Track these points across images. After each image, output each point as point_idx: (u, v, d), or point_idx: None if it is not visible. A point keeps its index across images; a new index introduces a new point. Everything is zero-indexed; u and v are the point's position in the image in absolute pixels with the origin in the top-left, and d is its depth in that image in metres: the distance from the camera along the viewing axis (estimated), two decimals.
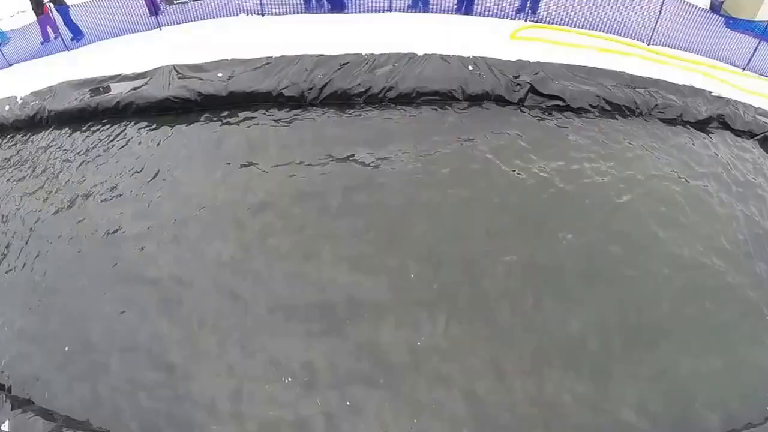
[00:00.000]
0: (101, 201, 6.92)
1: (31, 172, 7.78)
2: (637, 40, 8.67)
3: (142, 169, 7.09)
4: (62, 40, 9.68)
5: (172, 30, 9.07)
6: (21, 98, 9.01)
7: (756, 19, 9.75)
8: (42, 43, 10.00)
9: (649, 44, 8.65)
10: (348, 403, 4.97)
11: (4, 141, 8.69)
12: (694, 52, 8.77)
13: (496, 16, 8.46)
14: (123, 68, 8.41)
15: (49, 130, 8.32)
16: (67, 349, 5.80)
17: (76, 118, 8.30)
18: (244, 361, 5.31)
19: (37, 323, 6.13)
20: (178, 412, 5.20)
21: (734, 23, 9.41)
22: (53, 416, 5.81)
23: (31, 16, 10.02)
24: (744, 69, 8.82)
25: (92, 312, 5.95)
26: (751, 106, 8.15)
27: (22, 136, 8.55)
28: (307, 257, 5.82)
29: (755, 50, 8.73)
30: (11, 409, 5.81)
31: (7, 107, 9.00)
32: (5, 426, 5.65)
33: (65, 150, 7.86)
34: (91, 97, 8.50)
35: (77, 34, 9.69)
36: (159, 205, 6.62)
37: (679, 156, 7.14)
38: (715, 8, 10.08)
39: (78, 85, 8.66)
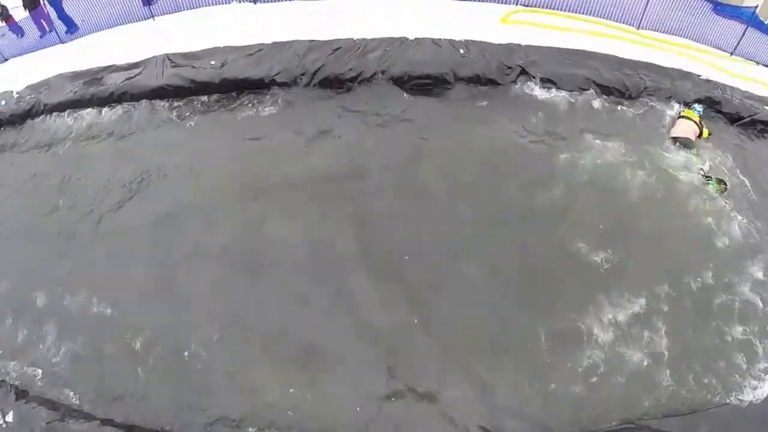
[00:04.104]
0: None
1: None
2: (627, 24, 8.73)
3: None
4: (56, 33, 9.67)
5: (165, 19, 9.09)
6: (17, 93, 9.03)
7: (743, 5, 9.82)
8: (41, 37, 10.00)
9: (638, 28, 8.72)
10: None
11: None
12: (683, 37, 8.83)
13: (487, 0, 8.49)
14: (117, 59, 8.43)
15: None
16: None
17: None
18: None
19: None
20: None
21: (722, 9, 9.46)
22: (56, 406, 5.81)
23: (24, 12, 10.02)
24: (732, 53, 8.89)
25: None
26: (738, 89, 8.23)
27: None
28: None
29: (743, 35, 8.80)
30: (15, 400, 5.82)
31: (3, 102, 9.02)
32: (9, 416, 5.65)
33: None
34: (85, 88, 8.55)
35: (71, 26, 9.68)
36: None
37: None
38: None
39: (73, 77, 8.68)
